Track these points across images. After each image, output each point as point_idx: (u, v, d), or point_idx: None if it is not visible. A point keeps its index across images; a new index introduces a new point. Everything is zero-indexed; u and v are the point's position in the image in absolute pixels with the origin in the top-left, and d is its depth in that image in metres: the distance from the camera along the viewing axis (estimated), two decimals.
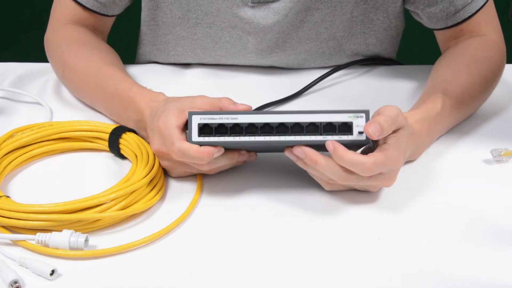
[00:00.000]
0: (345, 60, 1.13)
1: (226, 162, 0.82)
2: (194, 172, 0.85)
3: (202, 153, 0.77)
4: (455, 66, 1.00)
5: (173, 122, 0.79)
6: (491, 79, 1.01)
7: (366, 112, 0.78)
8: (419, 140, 0.87)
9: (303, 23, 1.06)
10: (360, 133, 0.78)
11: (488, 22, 1.06)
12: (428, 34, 1.13)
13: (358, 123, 0.78)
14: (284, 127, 0.78)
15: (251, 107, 0.81)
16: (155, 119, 0.82)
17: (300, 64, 1.12)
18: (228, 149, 0.81)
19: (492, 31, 1.06)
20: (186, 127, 0.80)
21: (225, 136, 0.78)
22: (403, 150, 0.79)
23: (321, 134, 0.78)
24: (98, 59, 1.00)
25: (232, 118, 0.78)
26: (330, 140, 0.77)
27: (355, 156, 0.76)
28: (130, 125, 0.90)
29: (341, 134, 0.78)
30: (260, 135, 0.78)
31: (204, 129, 0.78)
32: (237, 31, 1.07)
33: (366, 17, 1.08)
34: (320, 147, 0.78)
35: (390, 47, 1.15)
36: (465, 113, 0.98)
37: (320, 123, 0.78)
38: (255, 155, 0.84)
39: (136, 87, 0.92)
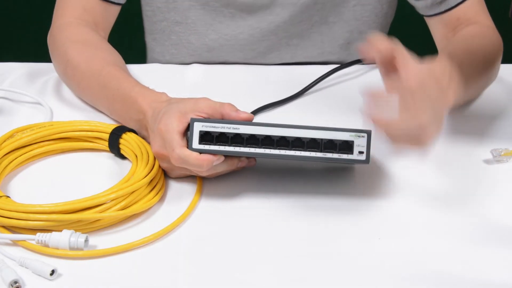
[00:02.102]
0: (337, 50, 1.14)
1: (226, 168, 0.82)
2: (193, 174, 0.85)
3: (202, 161, 0.78)
4: (452, 44, 1.01)
5: (175, 126, 0.79)
6: (490, 53, 1.00)
7: (368, 132, 0.79)
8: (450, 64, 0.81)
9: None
10: (360, 153, 0.78)
11: (484, 12, 1.07)
12: (427, 34, 1.13)
13: (359, 143, 0.78)
14: (285, 140, 0.79)
15: (253, 116, 0.82)
16: (156, 121, 0.82)
17: (293, 53, 1.13)
18: (228, 156, 0.81)
19: (488, 20, 1.06)
20: (187, 130, 0.80)
21: (225, 145, 0.79)
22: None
23: (321, 151, 0.79)
24: (101, 59, 1.00)
25: (234, 128, 0.79)
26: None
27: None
28: (131, 124, 0.90)
29: (341, 153, 0.78)
30: (260, 147, 0.79)
31: (205, 137, 0.79)
32: (230, 10, 1.08)
33: (358, 2, 1.10)
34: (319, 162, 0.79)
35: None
36: (470, 85, 0.93)
37: (321, 139, 0.79)
38: (254, 161, 0.85)
39: (138, 87, 0.92)
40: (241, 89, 1.08)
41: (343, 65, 1.11)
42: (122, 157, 0.89)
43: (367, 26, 1.13)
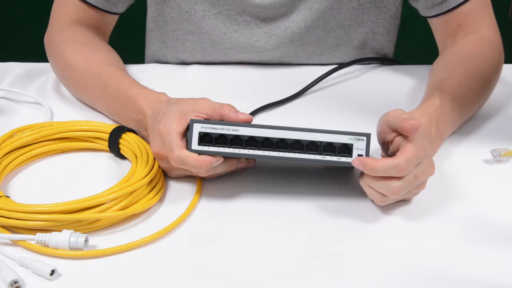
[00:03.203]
0: (352, 52, 1.14)
1: (225, 169, 0.82)
2: (192, 174, 0.85)
3: (201, 162, 0.78)
4: (449, 65, 1.00)
5: (174, 127, 0.79)
6: (488, 73, 1.00)
7: (367, 136, 0.79)
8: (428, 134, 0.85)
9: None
10: (360, 156, 0.78)
11: (486, 18, 1.06)
12: (428, 34, 1.13)
13: (358, 146, 0.78)
14: (284, 143, 0.79)
15: (252, 118, 0.81)
16: (156, 121, 0.82)
17: (309, 58, 1.13)
18: (227, 157, 0.81)
19: (489, 27, 1.06)
20: (186, 131, 0.80)
21: (224, 147, 0.79)
22: (425, 135, 0.79)
23: (320, 154, 0.79)
24: (100, 59, 1.00)
25: (233, 130, 0.79)
26: (355, 158, 0.78)
27: (386, 161, 0.76)
28: (131, 125, 0.90)
29: (340, 156, 0.79)
30: (259, 149, 0.79)
31: (205, 138, 0.79)
32: (244, 17, 1.08)
33: (373, 4, 1.09)
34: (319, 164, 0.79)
35: (394, 37, 1.16)
36: (468, 107, 0.96)
37: (321, 142, 0.79)
38: (253, 162, 0.85)
39: (138, 87, 0.92)
40: (241, 89, 1.08)
41: (343, 65, 1.11)
42: (122, 157, 0.89)
43: (382, 27, 1.13)
